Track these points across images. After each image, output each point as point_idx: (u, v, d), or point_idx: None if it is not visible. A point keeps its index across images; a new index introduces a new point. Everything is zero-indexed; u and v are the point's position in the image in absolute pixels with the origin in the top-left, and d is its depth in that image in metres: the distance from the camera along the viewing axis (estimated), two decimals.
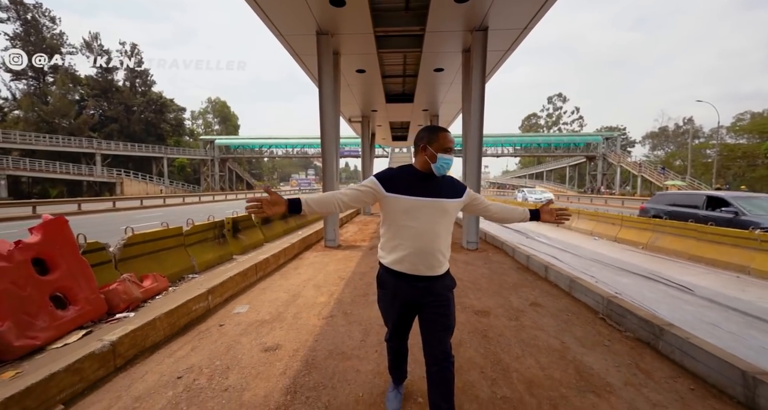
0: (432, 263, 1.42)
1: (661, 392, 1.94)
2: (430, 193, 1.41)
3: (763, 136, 35.94)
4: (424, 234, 1.39)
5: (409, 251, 1.40)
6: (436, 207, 1.41)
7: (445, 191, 1.44)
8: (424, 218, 1.39)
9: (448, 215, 1.45)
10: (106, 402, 1.81)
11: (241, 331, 2.69)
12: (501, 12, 5.23)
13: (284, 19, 5.57)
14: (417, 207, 1.39)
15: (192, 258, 4.49)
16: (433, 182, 1.44)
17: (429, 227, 1.40)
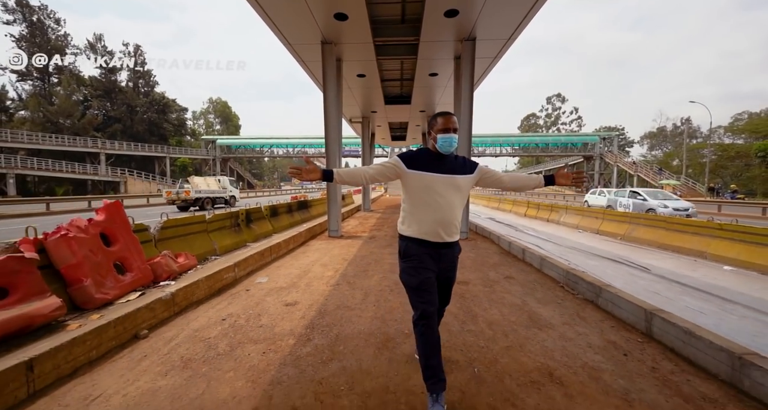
0: (450, 230, 1.61)
1: (587, 327, 2.58)
2: (444, 170, 1.60)
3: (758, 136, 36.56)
4: (443, 206, 1.58)
5: (432, 220, 1.58)
6: (450, 183, 1.60)
7: (458, 169, 1.64)
8: (442, 191, 1.58)
9: (462, 189, 1.63)
10: (174, 331, 2.44)
11: (265, 293, 3.33)
12: (487, 25, 5.87)
13: (293, 30, 6.21)
14: (435, 182, 1.58)
15: (214, 243, 5.13)
16: (446, 161, 1.63)
17: (446, 200, 1.58)
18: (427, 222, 1.59)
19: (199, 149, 46.88)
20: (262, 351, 2.18)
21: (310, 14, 5.55)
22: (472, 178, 1.68)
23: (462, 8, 5.33)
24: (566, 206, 11.33)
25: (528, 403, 1.67)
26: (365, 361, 2.04)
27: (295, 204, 9.72)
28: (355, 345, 2.25)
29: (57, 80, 38.16)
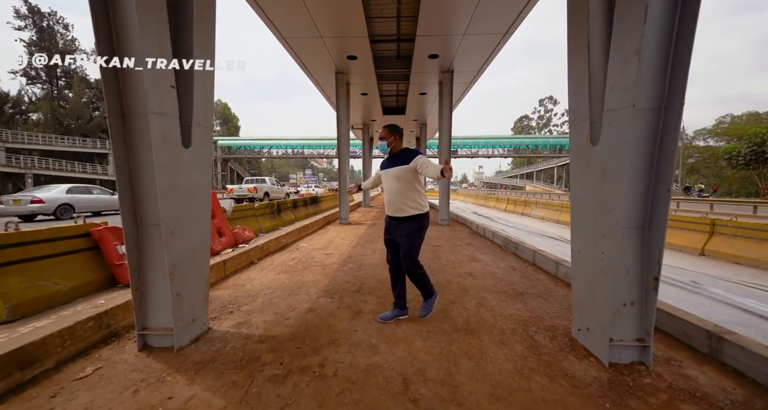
0: (396, 209, 2.36)
1: (501, 261, 4.53)
2: (388, 166, 2.42)
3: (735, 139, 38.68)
4: (389, 192, 2.39)
5: (386, 200, 2.45)
6: (390, 174, 2.37)
7: (397, 162, 2.34)
8: (387, 181, 2.40)
9: (401, 177, 2.31)
10: (269, 262, 4.35)
11: (310, 250, 5.25)
12: (460, 62, 7.83)
13: (314, 64, 8.11)
14: (384, 176, 2.44)
15: (260, 224, 7.02)
16: (392, 158, 2.41)
17: (390, 187, 2.38)
18: (386, 202, 2.46)
19: None
20: (321, 269, 4.11)
21: (329, 55, 7.46)
22: (408, 168, 2.28)
23: (441, 53, 7.27)
24: (536, 201, 13.35)
25: (460, 281, 3.61)
26: (375, 271, 3.97)
27: (309, 199, 11.61)
28: (370, 266, 4.18)
29: (64, 83, 39.48)
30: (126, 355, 1.99)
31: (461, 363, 1.95)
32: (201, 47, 2.12)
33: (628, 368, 1.88)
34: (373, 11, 5.98)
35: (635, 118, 1.74)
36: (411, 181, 2.33)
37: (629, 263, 1.88)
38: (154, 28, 1.87)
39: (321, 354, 2.04)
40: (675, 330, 2.26)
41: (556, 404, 1.58)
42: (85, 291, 3.09)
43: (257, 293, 3.19)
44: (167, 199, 1.95)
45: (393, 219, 2.45)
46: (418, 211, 2.35)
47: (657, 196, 1.82)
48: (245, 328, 2.40)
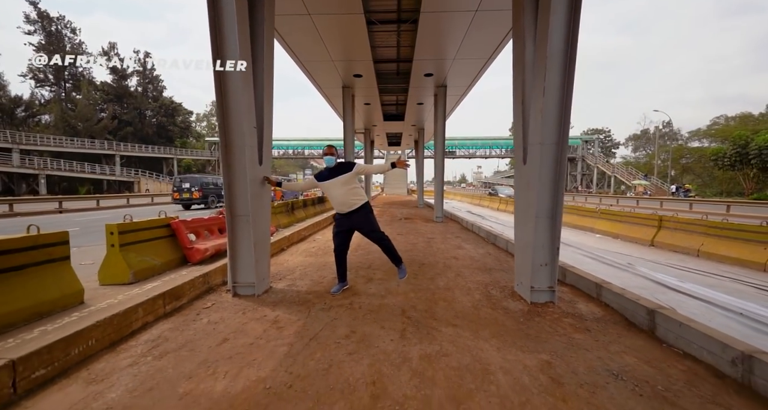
0: (349, 205, 3.10)
1: (481, 249, 5.67)
2: (330, 176, 3.07)
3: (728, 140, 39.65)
4: (340, 194, 3.06)
5: (336, 202, 3.12)
6: (338, 181, 3.05)
7: (339, 173, 3.06)
8: (334, 188, 3.06)
9: (347, 182, 3.07)
10: (295, 249, 5.48)
11: (325, 241, 6.38)
12: (452, 79, 8.96)
13: (324, 80, 9.23)
14: (329, 185, 3.08)
15: (278, 220, 8.14)
16: (332, 170, 3.10)
17: (338, 191, 3.06)
18: (335, 204, 3.18)
19: (203, 150, 49.40)
20: None
21: (338, 74, 8.59)
22: (351, 174, 3.06)
23: (435, 72, 8.40)
24: None
25: (445, 262, 4.74)
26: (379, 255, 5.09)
27: (315, 199, 12.73)
28: (375, 251, 5.31)
29: (72, 86, 40.49)
30: (225, 299, 3.12)
31: (439, 303, 3.08)
32: (267, 104, 3.26)
33: (543, 305, 3.01)
34: (377, 42, 7.11)
35: (542, 150, 2.87)
36: (354, 183, 3.16)
37: (543, 239, 3.01)
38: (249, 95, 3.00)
39: (349, 299, 3.17)
40: (581, 286, 3.41)
41: (492, 319, 2.71)
42: (169, 267, 4.22)
43: (294, 269, 4.32)
44: (252, 198, 3.08)
45: (347, 214, 3.16)
46: (364, 201, 3.18)
47: (558, 199, 2.95)
48: (294, 287, 3.53)
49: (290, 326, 2.55)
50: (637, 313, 2.61)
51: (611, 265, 5.33)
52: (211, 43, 2.86)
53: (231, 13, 2.82)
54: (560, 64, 2.75)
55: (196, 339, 2.31)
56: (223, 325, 2.54)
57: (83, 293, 3.05)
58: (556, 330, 2.51)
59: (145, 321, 2.46)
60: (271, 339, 2.34)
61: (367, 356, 2.10)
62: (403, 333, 2.44)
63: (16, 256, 2.56)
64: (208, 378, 1.84)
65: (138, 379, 1.81)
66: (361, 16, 5.62)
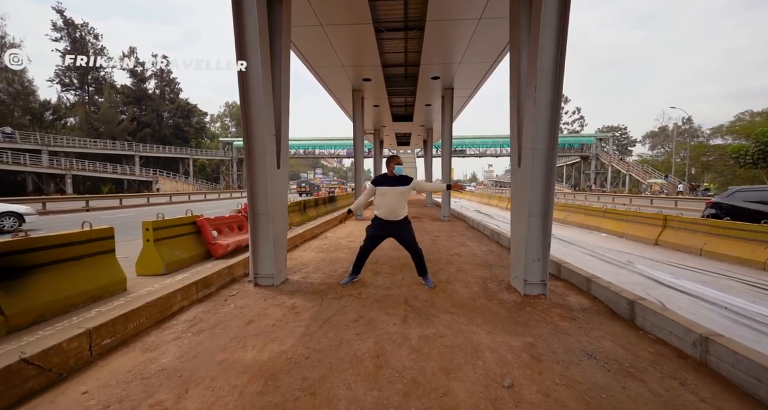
0: (397, 214, 3.37)
1: (485, 246, 5.92)
2: (391, 184, 3.33)
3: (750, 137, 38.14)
4: (393, 203, 3.32)
5: (386, 210, 3.35)
6: (396, 191, 3.32)
7: (400, 183, 3.33)
8: (391, 196, 3.32)
9: (404, 193, 3.35)
10: (308, 245, 5.86)
11: (336, 238, 6.74)
12: (459, 82, 9.19)
13: (334, 84, 9.60)
14: (389, 190, 3.32)
15: (291, 219, 8.56)
16: (394, 179, 3.34)
17: (393, 199, 3.33)
18: (384, 210, 3.38)
19: (217, 150, 50.75)
20: (347, 250, 5.58)
21: (348, 79, 8.94)
22: (409, 188, 3.36)
23: (442, 75, 8.65)
24: None
25: (448, 258, 5.03)
26: (386, 252, 5.42)
27: (327, 198, 13.16)
28: (383, 248, 5.64)
29: (94, 89, 42.27)
30: (247, 288, 3.51)
31: (439, 294, 3.38)
32: (285, 112, 3.62)
33: (535, 297, 3.28)
34: (386, 48, 7.41)
35: (534, 154, 3.14)
36: (407, 196, 3.47)
37: (535, 236, 3.27)
38: (269, 106, 3.36)
39: (358, 290, 3.51)
40: (573, 280, 3.65)
41: (486, 308, 3.00)
42: (195, 261, 4.65)
43: (307, 263, 4.69)
44: (271, 198, 3.44)
45: (391, 222, 3.41)
46: (406, 213, 3.52)
47: (549, 199, 3.21)
48: (308, 279, 3.89)
49: (306, 311, 2.91)
50: (619, 304, 2.85)
51: (611, 263, 5.51)
52: (237, 56, 3.23)
53: (253, 28, 3.18)
54: (550, 78, 3.01)
55: (226, 320, 2.69)
56: (248, 310, 2.91)
57: (126, 281, 3.48)
58: (544, 319, 2.78)
59: (182, 305, 2.86)
60: (290, 321, 2.69)
61: (372, 336, 2.43)
62: (405, 319, 2.75)
63: (76, 248, 3.00)
64: (239, 350, 2.20)
65: (182, 350, 2.19)
66: (370, 25, 5.94)
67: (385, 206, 3.36)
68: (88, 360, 1.96)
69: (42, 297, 2.64)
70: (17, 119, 34.77)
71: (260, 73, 3.21)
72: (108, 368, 1.93)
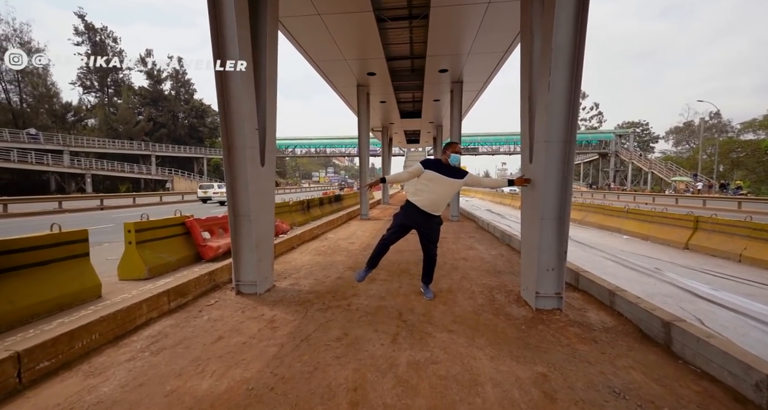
0: (437, 207, 2.90)
1: (494, 250, 5.47)
2: (448, 174, 2.83)
3: None
4: (439, 193, 2.85)
5: (427, 198, 2.86)
6: (448, 181, 2.84)
7: (455, 174, 2.86)
8: (440, 185, 2.84)
9: (454, 186, 2.89)
10: (305, 248, 5.56)
11: (336, 239, 6.42)
12: (468, 74, 8.70)
13: (339, 80, 9.28)
14: (440, 179, 2.82)
15: (294, 218, 8.31)
16: (449, 168, 2.87)
17: (441, 190, 2.85)
18: (425, 198, 2.88)
19: None
20: (346, 253, 5.25)
21: (351, 73, 8.60)
22: (462, 182, 2.93)
23: (450, 68, 8.19)
24: None
25: (453, 263, 4.62)
26: (387, 255, 5.05)
27: (333, 197, 12.89)
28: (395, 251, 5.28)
29: (113, 91, 43.55)
30: (228, 296, 3.21)
31: (438, 306, 3.00)
32: (271, 104, 3.30)
33: (548, 312, 2.85)
34: (390, 39, 7.02)
35: (548, 148, 2.70)
36: (457, 191, 3.05)
37: (549, 242, 2.84)
38: (250, 98, 3.05)
39: (348, 299, 3.16)
40: (594, 292, 3.19)
41: (491, 325, 2.60)
42: (183, 264, 4.42)
43: (300, 267, 4.38)
44: (253, 198, 3.14)
45: (426, 214, 2.91)
46: (441, 212, 3.04)
47: (566, 199, 2.77)
48: (297, 287, 3.57)
49: (285, 326, 2.58)
50: (652, 325, 2.40)
51: (636, 270, 4.97)
52: (212, 46, 2.93)
53: (231, 14, 2.86)
54: (567, 57, 2.57)
55: (194, 336, 2.39)
56: (222, 323, 2.61)
57: (101, 287, 3.25)
58: (558, 340, 2.36)
59: (150, 316, 2.58)
60: (263, 338, 2.37)
61: (354, 360, 2.08)
62: (395, 338, 2.39)
63: (40, 252, 2.77)
64: (196, 376, 1.89)
65: (132, 374, 1.90)
66: (371, 13, 5.56)
67: (428, 193, 2.88)
68: (15, 389, 1.69)
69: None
70: (42, 121, 36.15)
71: (238, 54, 2.89)
72: (35, 400, 1.65)
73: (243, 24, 2.98)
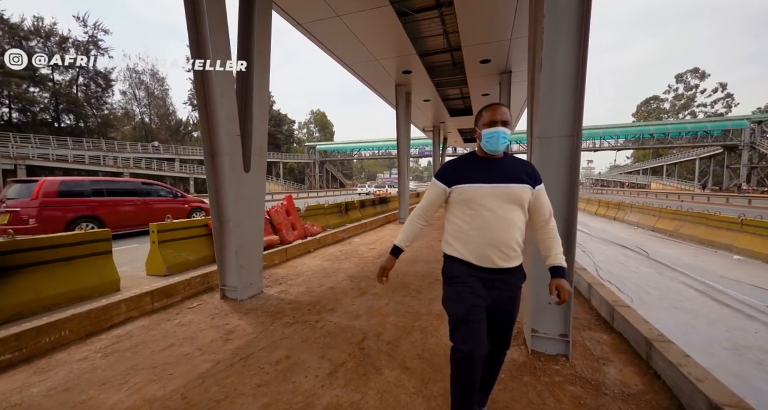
0: (502, 254, 1.32)
1: None
2: (493, 179, 1.33)
3: None
4: (492, 223, 1.30)
5: (478, 241, 1.32)
6: (500, 194, 1.31)
7: (506, 174, 1.34)
8: (491, 206, 1.31)
9: (518, 201, 1.32)
10: (321, 252, 5.54)
11: (359, 244, 6.26)
12: (517, 63, 7.66)
13: (375, 81, 9.14)
14: (481, 194, 1.32)
15: (328, 221, 8.46)
16: (496, 166, 1.36)
17: (497, 215, 1.31)
18: (473, 242, 1.34)
19: (303, 154, 56.16)
20: (358, 259, 5.04)
21: (386, 73, 8.37)
22: (529, 190, 1.35)
23: (492, 57, 7.32)
24: (631, 204, 11.51)
25: None
26: (400, 265, 4.67)
27: (378, 199, 12.84)
28: (400, 260, 4.90)
29: None
30: (214, 300, 3.29)
31: (413, 334, 2.56)
32: (259, 109, 3.28)
33: (549, 358, 2.18)
34: (420, 32, 6.58)
35: (544, 145, 2.06)
36: (525, 208, 1.39)
37: None
38: (229, 103, 3.06)
39: (321, 315, 2.94)
40: (631, 336, 2.34)
41: None
42: (203, 263, 4.76)
43: (302, 273, 4.32)
44: (235, 204, 3.14)
45: (490, 271, 1.37)
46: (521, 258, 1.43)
47: (571, 207, 2.07)
48: (283, 294, 3.49)
49: (238, 339, 2.48)
50: (695, 403, 1.60)
51: (730, 306, 3.61)
52: (190, 46, 3.01)
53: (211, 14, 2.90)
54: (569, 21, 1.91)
55: (151, 341, 2.45)
56: (184, 329, 2.64)
57: (119, 282, 3.66)
58: (543, 403, 1.75)
59: (129, 315, 2.76)
60: (208, 351, 2.30)
61: (271, 393, 1.84)
62: (336, 370, 2.07)
63: (65, 250, 3.22)
64: (115, 387, 1.89)
65: (69, 377, 1.99)
66: (389, 7, 5.25)
67: (473, 228, 1.38)
68: None
69: (22, 296, 2.85)
70: (162, 135, 44.76)
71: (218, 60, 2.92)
72: None
73: (221, 24, 3.00)
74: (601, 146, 47.12)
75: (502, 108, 1.37)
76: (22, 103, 32.32)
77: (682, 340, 2.81)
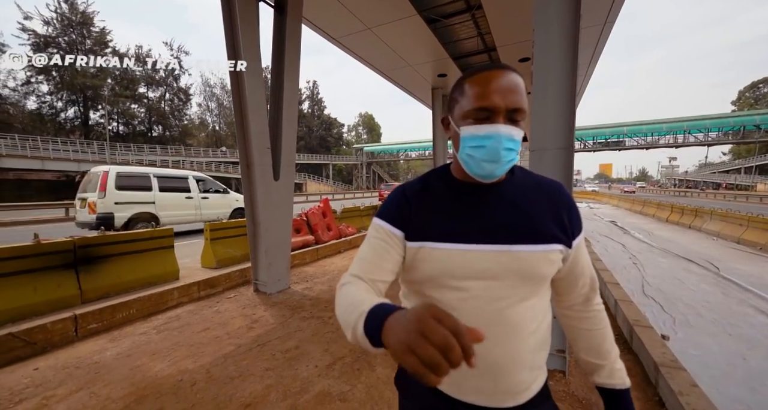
0: (504, 387, 0.62)
1: None
2: (487, 231, 0.62)
3: None
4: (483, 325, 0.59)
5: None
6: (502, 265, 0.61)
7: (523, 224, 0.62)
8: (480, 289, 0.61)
9: (536, 278, 0.62)
10: (350, 253, 5.87)
11: None
12: None
13: (411, 86, 9.28)
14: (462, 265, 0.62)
15: (364, 222, 8.83)
16: (492, 201, 0.65)
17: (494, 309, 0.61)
18: None
19: (351, 156, 58.23)
20: None
21: (421, 78, 8.46)
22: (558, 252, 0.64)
23: (532, 55, 6.97)
24: (711, 211, 9.93)
25: None
26: None
27: None
28: None
29: None
30: (248, 292, 3.78)
31: None
32: (287, 123, 3.69)
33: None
34: (453, 36, 6.57)
35: (537, 158, 2.05)
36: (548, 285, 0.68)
37: None
38: (260, 121, 3.51)
39: (334, 312, 3.21)
40: (645, 357, 2.19)
41: None
42: (246, 259, 5.39)
43: (329, 272, 4.67)
44: (265, 209, 3.58)
45: None
46: (542, 381, 0.68)
47: None
48: (307, 291, 3.85)
49: (260, 328, 2.86)
50: None
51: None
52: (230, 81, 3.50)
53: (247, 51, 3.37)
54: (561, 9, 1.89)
55: (193, 323, 2.96)
56: (220, 316, 3.12)
57: (179, 272, 4.35)
58: None
59: (180, 301, 3.33)
60: (234, 336, 2.71)
61: (276, 376, 2.14)
62: (333, 363, 2.31)
63: (138, 244, 3.97)
64: (159, 359, 2.36)
65: (132, 346, 2.53)
66: (417, 16, 5.38)
67: None
68: (71, 339, 2.52)
69: (108, 279, 3.60)
70: (229, 141, 50.10)
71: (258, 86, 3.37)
72: (72, 351, 2.42)
73: (253, 46, 3.45)
74: (685, 141, 41.12)
75: (507, 75, 0.63)
76: (126, 118, 38.80)
77: (725, 372, 2.53)
